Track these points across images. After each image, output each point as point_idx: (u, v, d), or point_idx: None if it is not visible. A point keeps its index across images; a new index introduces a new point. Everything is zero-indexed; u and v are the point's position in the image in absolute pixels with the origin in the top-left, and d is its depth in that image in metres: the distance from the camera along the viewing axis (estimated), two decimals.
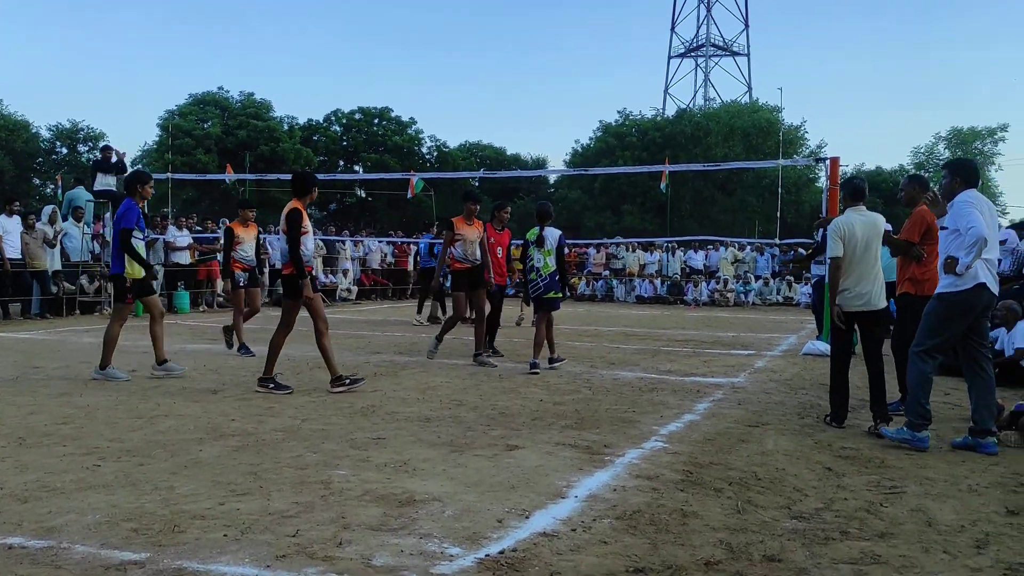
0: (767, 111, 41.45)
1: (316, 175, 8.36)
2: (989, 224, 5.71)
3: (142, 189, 8.37)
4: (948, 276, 5.75)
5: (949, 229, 5.84)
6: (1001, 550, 3.63)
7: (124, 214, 8.17)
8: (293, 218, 7.44)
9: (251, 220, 10.73)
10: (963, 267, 5.62)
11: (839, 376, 6.46)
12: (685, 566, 3.34)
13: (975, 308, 5.78)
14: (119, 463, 4.84)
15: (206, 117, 38.32)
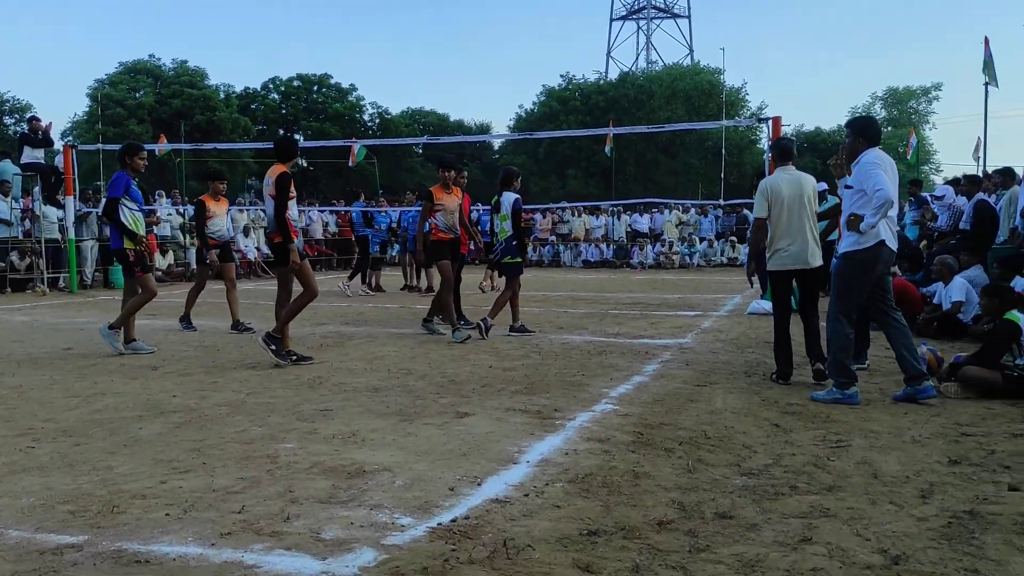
0: (709, 73, 41.72)
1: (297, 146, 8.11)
2: (892, 183, 5.82)
3: (131, 161, 8.05)
4: (851, 235, 5.82)
5: (854, 188, 5.90)
6: (945, 499, 3.70)
7: (112, 184, 7.92)
8: (283, 183, 7.18)
9: (222, 193, 10.29)
10: (867, 226, 5.70)
11: (782, 334, 6.54)
12: (638, 527, 3.33)
13: (877, 265, 5.87)
14: (54, 444, 4.66)
15: (138, 86, 37.19)
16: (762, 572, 2.90)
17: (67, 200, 15.50)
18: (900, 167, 26.82)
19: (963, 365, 5.97)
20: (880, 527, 3.34)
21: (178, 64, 39.00)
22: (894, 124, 47.59)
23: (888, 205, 5.67)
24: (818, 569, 2.92)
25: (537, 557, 3.02)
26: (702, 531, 3.29)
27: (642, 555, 3.05)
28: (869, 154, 5.86)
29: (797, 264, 6.43)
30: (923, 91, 48.24)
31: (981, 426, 5.04)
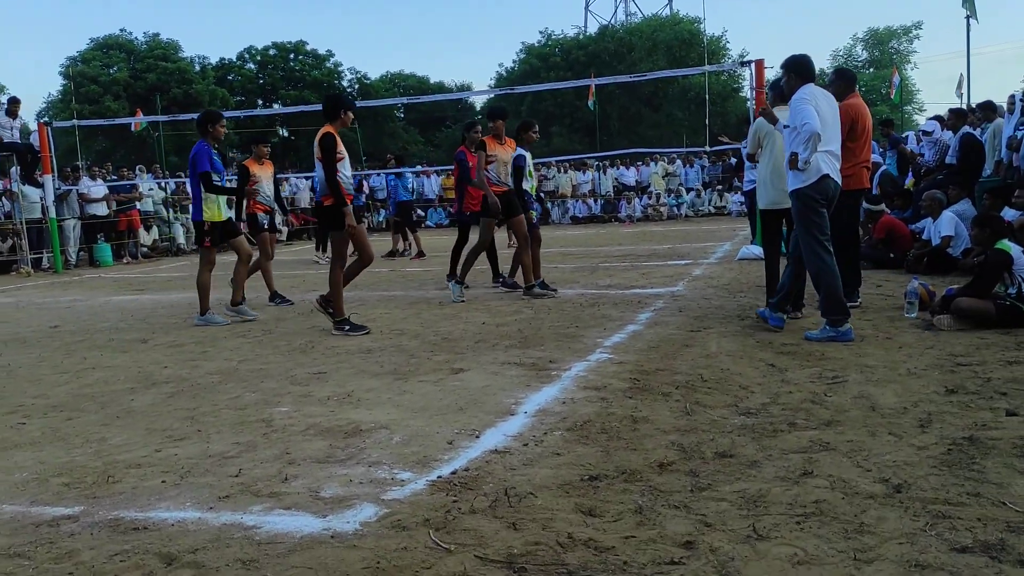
0: (688, 23, 41.29)
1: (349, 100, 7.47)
2: (829, 117, 5.89)
3: (213, 129, 7.84)
4: (795, 174, 5.87)
5: (790, 127, 5.91)
6: (944, 427, 3.69)
7: (196, 157, 7.70)
8: (327, 144, 6.76)
9: (266, 157, 9.79)
10: (803, 162, 5.76)
11: (771, 274, 6.61)
12: (639, 469, 3.31)
13: (826, 197, 5.92)
14: (46, 419, 4.61)
15: (111, 62, 36.55)
16: (765, 507, 2.89)
17: (45, 179, 15.29)
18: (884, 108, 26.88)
19: (955, 297, 5.96)
20: (880, 458, 3.33)
21: (150, 37, 38.32)
22: (876, 65, 47.35)
23: (815, 138, 5.68)
24: (821, 501, 2.91)
25: (539, 504, 3.00)
26: (703, 471, 3.28)
27: (644, 497, 3.03)
28: (801, 90, 5.87)
29: (785, 203, 6.42)
30: (904, 31, 47.91)
31: (976, 355, 5.04)
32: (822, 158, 5.88)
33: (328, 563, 2.59)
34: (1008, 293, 5.89)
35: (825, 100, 5.98)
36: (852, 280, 6.94)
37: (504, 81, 41.17)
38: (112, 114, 30.80)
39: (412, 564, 2.56)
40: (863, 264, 8.57)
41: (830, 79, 7.12)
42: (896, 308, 6.75)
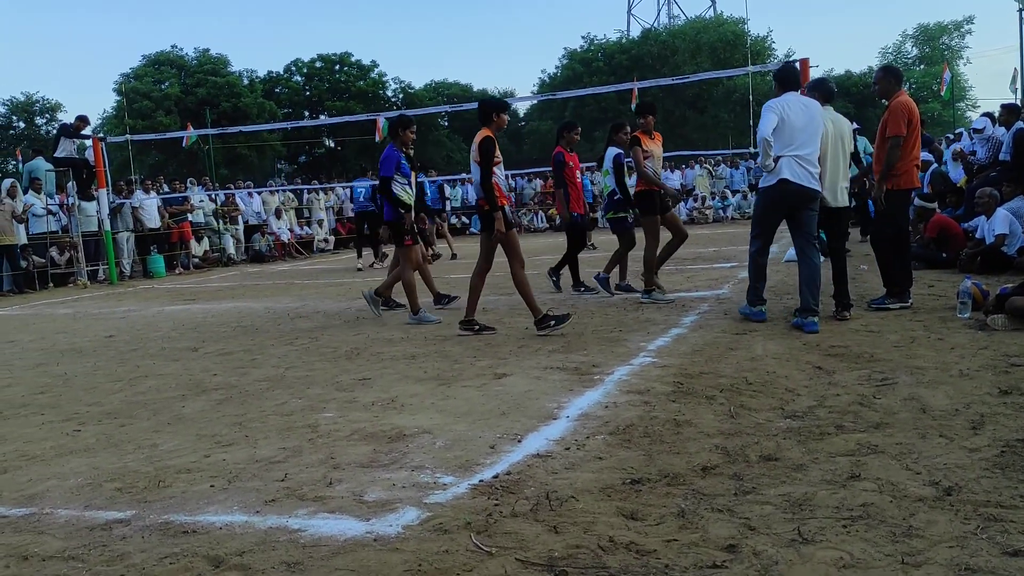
0: (733, 24, 40.91)
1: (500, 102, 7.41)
2: (799, 123, 6.29)
3: (403, 134, 8.05)
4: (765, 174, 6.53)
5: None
6: (997, 429, 3.60)
7: (384, 161, 7.96)
8: (487, 147, 6.81)
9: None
10: (761, 166, 6.52)
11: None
12: (682, 473, 3.29)
13: (783, 200, 6.40)
14: (100, 426, 4.73)
15: (163, 78, 37.34)
16: (810, 510, 2.85)
17: (100, 193, 15.68)
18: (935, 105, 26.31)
19: (1009, 296, 5.80)
20: (931, 460, 3.27)
21: (200, 53, 39.04)
22: (927, 61, 46.36)
23: (764, 143, 6.27)
24: (868, 504, 2.86)
25: (581, 507, 2.99)
26: (747, 474, 3.25)
27: (687, 500, 3.01)
28: (771, 100, 6.45)
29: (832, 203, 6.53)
30: (955, 26, 46.82)
31: None
32: (786, 162, 6.30)
33: (370, 565, 2.62)
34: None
35: (800, 108, 6.35)
36: (903, 280, 6.82)
37: (547, 87, 41.21)
38: (164, 128, 31.44)
39: (453, 567, 2.57)
40: (915, 264, 8.41)
41: (876, 76, 7.03)
42: (948, 308, 6.60)
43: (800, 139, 6.30)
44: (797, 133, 6.30)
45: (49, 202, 16.13)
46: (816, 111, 6.44)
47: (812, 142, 6.35)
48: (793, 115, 6.31)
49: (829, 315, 6.59)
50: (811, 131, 6.34)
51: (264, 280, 14.67)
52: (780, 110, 6.32)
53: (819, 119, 6.41)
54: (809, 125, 6.34)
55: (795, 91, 6.50)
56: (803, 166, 6.30)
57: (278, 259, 20.10)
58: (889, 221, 6.81)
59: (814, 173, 6.35)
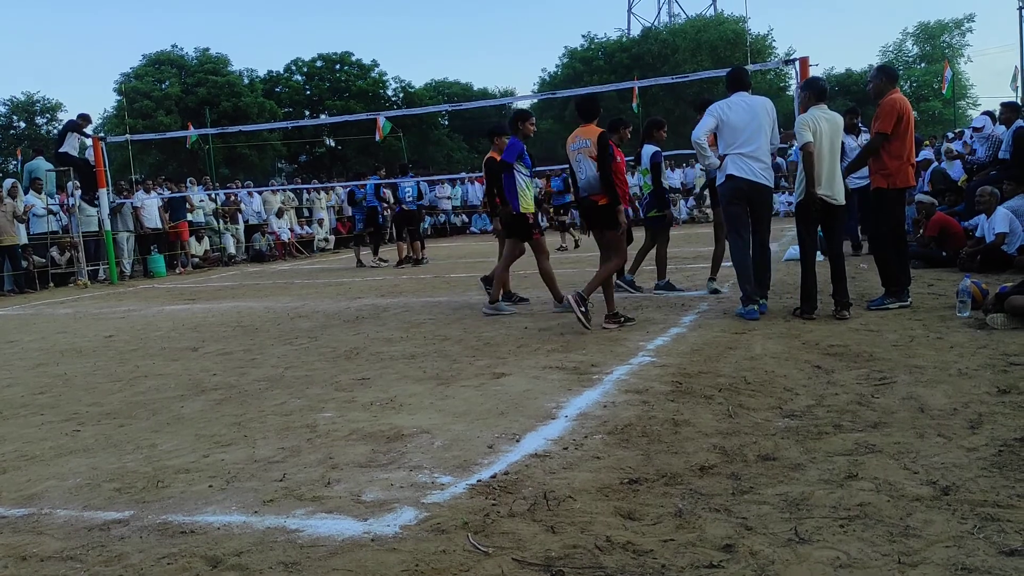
0: (733, 22, 40.89)
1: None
2: (740, 122, 6.69)
3: (523, 126, 8.11)
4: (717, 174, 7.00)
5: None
6: (995, 428, 3.60)
7: (509, 148, 7.98)
8: (605, 143, 6.93)
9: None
10: (703, 165, 7.23)
11: (807, 267, 6.72)
12: (680, 473, 3.29)
13: (735, 195, 6.80)
14: (99, 427, 4.73)
15: (163, 77, 37.36)
16: (808, 510, 2.85)
17: (100, 193, 15.68)
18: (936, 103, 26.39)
19: (1009, 295, 5.80)
20: (928, 460, 3.27)
21: (200, 52, 39.03)
22: (927, 60, 46.32)
23: (696, 145, 6.86)
24: (865, 504, 2.86)
25: (578, 507, 3.00)
26: (745, 474, 3.25)
27: (685, 500, 3.01)
28: (716, 103, 6.94)
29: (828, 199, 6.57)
30: (955, 24, 46.77)
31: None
32: (730, 160, 6.75)
33: (368, 566, 2.62)
34: None
35: (742, 107, 6.76)
36: (902, 279, 6.82)
37: (547, 86, 41.19)
38: (164, 128, 31.46)
39: (450, 567, 2.57)
40: (914, 263, 8.41)
41: (871, 75, 7.06)
42: (948, 307, 6.60)
43: (742, 137, 6.69)
44: (738, 132, 6.69)
45: (50, 202, 16.13)
46: (760, 109, 6.76)
47: (755, 139, 6.70)
48: (734, 115, 6.72)
49: (828, 314, 6.60)
50: (753, 128, 6.69)
51: (264, 280, 14.68)
52: (719, 112, 6.78)
53: (762, 116, 6.73)
54: (751, 123, 6.69)
55: (745, 91, 6.88)
56: (748, 161, 6.69)
57: (278, 259, 20.11)
58: (887, 220, 6.82)
59: (759, 168, 6.70)
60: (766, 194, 6.92)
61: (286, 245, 20.80)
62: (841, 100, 37.10)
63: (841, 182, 6.68)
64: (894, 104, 6.59)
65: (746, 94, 6.90)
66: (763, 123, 6.73)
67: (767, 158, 6.81)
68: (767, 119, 6.77)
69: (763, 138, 6.74)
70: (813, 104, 6.71)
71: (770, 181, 6.86)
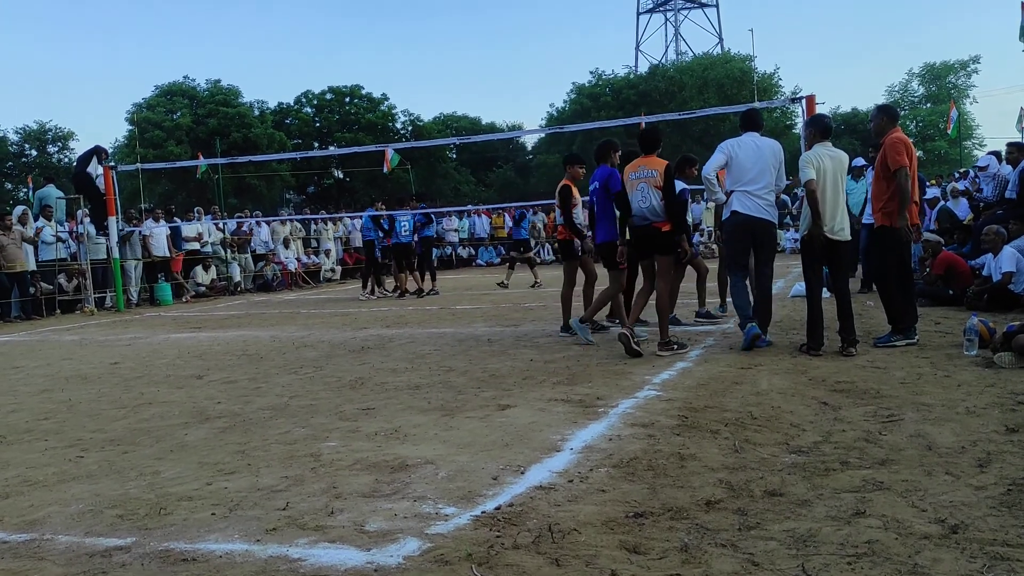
0: (740, 60, 41.25)
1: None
2: (747, 161, 7.00)
3: (613, 156, 8.20)
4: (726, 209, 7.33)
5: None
6: (1004, 467, 3.57)
7: (610, 179, 7.92)
8: (671, 174, 7.16)
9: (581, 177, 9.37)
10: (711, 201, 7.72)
11: (814, 304, 6.73)
12: (686, 507, 3.26)
13: (741, 230, 7.12)
14: (102, 453, 4.72)
15: (174, 108, 37.78)
16: (815, 546, 2.82)
17: (110, 221, 15.78)
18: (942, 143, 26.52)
19: (1016, 334, 5.78)
20: (936, 498, 3.24)
21: (212, 84, 39.51)
22: (933, 100, 46.60)
23: (705, 180, 7.23)
24: (873, 541, 2.83)
25: (583, 540, 2.97)
26: (752, 509, 3.22)
27: (691, 535, 2.98)
28: (727, 140, 7.27)
29: (831, 234, 6.65)
30: (961, 65, 47.13)
31: None
32: (736, 196, 7.08)
33: None
34: None
35: (751, 147, 7.05)
36: (908, 316, 6.81)
37: (555, 121, 41.46)
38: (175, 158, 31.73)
39: None
40: (921, 301, 8.40)
41: (872, 115, 7.15)
42: (955, 345, 6.58)
43: (749, 175, 7.00)
44: (746, 170, 7.00)
45: (59, 229, 16.23)
46: (767, 150, 7.04)
47: (762, 177, 6.99)
48: (743, 154, 7.03)
49: (835, 350, 6.59)
50: (760, 167, 6.99)
51: (270, 309, 14.71)
52: (729, 149, 7.11)
53: (769, 156, 7.01)
54: (758, 162, 6.99)
55: (756, 131, 7.20)
56: (752, 199, 6.99)
57: (285, 288, 20.15)
58: (891, 257, 6.83)
59: (763, 205, 6.99)
60: (770, 229, 7.14)
61: (293, 275, 20.86)
62: (847, 139, 37.33)
63: (846, 219, 6.74)
64: (900, 140, 6.63)
65: (756, 135, 7.18)
66: (769, 163, 7.01)
67: (771, 196, 7.06)
68: (773, 160, 7.03)
69: (768, 177, 7.02)
70: (818, 141, 6.84)
71: (773, 217, 7.07)
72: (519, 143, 46.07)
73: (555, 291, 9.78)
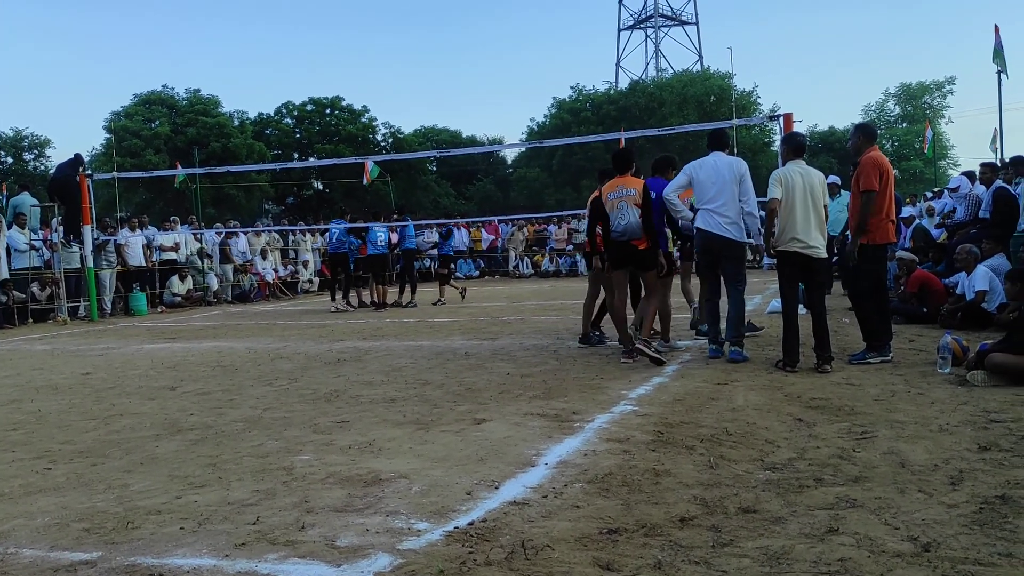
0: (719, 78, 41.58)
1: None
2: (707, 179, 7.32)
3: (670, 172, 8.20)
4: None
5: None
6: (976, 485, 3.59)
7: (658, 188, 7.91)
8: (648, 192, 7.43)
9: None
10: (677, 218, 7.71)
11: (789, 320, 6.80)
12: (660, 524, 3.25)
13: (703, 246, 7.45)
14: (71, 465, 4.64)
15: (153, 117, 37.47)
16: (788, 564, 2.82)
17: (84, 229, 15.60)
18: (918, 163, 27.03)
19: (989, 352, 5.83)
20: (909, 515, 3.25)
21: (191, 93, 39.21)
22: (909, 120, 47.22)
23: (667, 202, 7.56)
24: (846, 559, 2.83)
25: (556, 557, 2.95)
26: (725, 526, 3.21)
27: (664, 551, 2.97)
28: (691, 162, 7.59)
29: (803, 249, 6.73)
30: (936, 86, 47.86)
31: (1010, 412, 4.92)
32: (699, 214, 7.38)
33: None
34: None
35: (711, 166, 7.36)
36: (883, 333, 6.86)
37: (535, 135, 41.53)
38: (152, 167, 31.44)
39: None
40: (895, 319, 8.47)
41: (850, 134, 7.26)
42: (929, 363, 6.63)
43: (709, 194, 7.31)
44: (706, 189, 7.33)
45: (32, 238, 16.02)
46: (724, 168, 7.33)
47: (721, 195, 7.27)
48: (703, 174, 7.36)
49: (810, 367, 6.62)
50: (719, 185, 7.28)
51: (247, 320, 14.59)
52: (691, 171, 7.47)
53: (727, 173, 7.30)
54: (718, 180, 7.29)
55: (721, 150, 7.50)
56: (713, 216, 7.28)
57: (262, 299, 20.01)
58: (867, 275, 6.89)
59: (723, 222, 7.24)
60: (733, 247, 7.36)
61: (270, 286, 20.72)
62: (824, 157, 37.72)
63: (821, 236, 6.78)
64: (875, 161, 6.70)
65: (722, 154, 7.46)
66: (727, 180, 7.28)
67: (732, 213, 7.26)
68: (731, 175, 7.28)
69: (728, 194, 7.27)
70: (791, 159, 6.97)
71: (735, 235, 7.30)
72: (499, 157, 46.13)
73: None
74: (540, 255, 26.78)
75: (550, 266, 25.97)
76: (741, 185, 7.33)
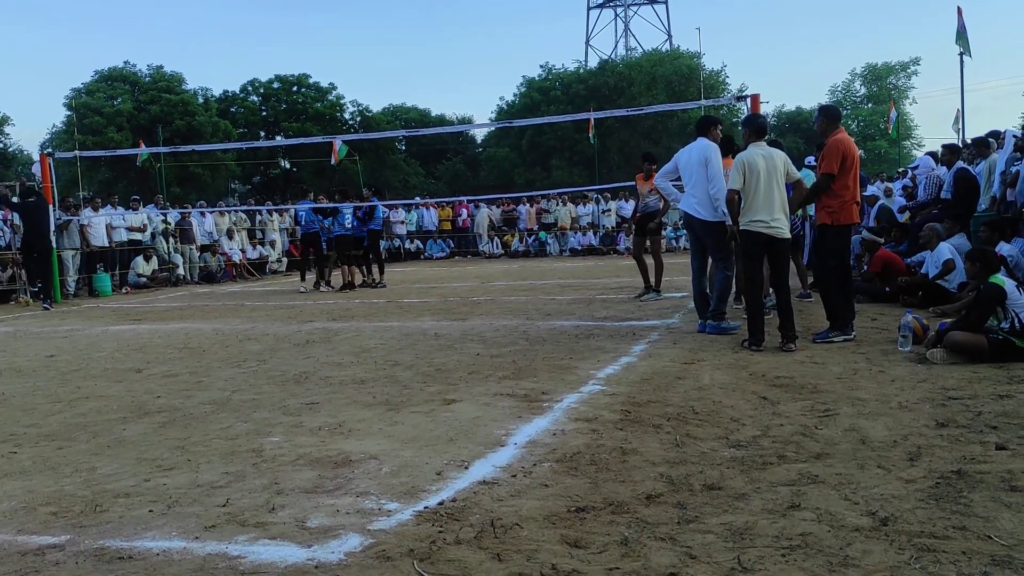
0: (688, 58, 41.70)
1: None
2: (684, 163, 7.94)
3: (713, 131, 8.17)
4: None
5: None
6: (933, 460, 3.69)
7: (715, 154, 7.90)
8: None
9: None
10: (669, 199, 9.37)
11: (755, 300, 6.95)
12: (627, 501, 3.31)
13: (686, 224, 8.24)
14: (36, 448, 4.60)
15: (115, 94, 36.80)
16: (751, 539, 2.88)
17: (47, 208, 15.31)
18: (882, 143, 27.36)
19: (948, 331, 5.96)
20: (868, 491, 3.33)
21: (154, 70, 38.55)
22: (874, 100, 47.72)
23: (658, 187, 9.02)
24: (807, 534, 2.90)
25: (525, 535, 3.00)
26: (691, 503, 3.28)
27: (631, 528, 3.03)
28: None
29: (768, 230, 6.84)
30: (901, 66, 48.41)
31: (967, 389, 5.05)
32: (682, 198, 8.07)
33: None
34: (1001, 327, 5.90)
35: (687, 151, 7.98)
36: (846, 313, 6.98)
37: (504, 114, 41.39)
38: (115, 145, 30.88)
39: None
40: (859, 298, 8.60)
41: (815, 117, 7.38)
42: (890, 341, 6.76)
43: (685, 176, 7.98)
44: (683, 173, 8.04)
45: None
46: (695, 152, 7.81)
47: (691, 178, 7.85)
48: (683, 159, 8.03)
49: (775, 346, 6.73)
50: (689, 170, 7.86)
51: (214, 301, 14.47)
52: (677, 156, 8.19)
53: (696, 158, 7.77)
54: (688, 163, 7.88)
55: (704, 136, 7.91)
56: (688, 197, 7.88)
57: (229, 280, 19.83)
58: (831, 255, 7.00)
59: (695, 203, 7.77)
60: (707, 226, 7.74)
61: (237, 266, 20.53)
62: (791, 137, 38.01)
63: (785, 216, 6.87)
64: (838, 144, 6.80)
65: (703, 139, 7.90)
66: (695, 164, 7.78)
67: (700, 194, 7.72)
68: (698, 158, 7.74)
69: (696, 177, 7.78)
70: (753, 141, 7.07)
71: (704, 214, 7.70)
72: (469, 136, 45.95)
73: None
74: (510, 235, 26.77)
75: (520, 246, 25.97)
76: (708, 168, 7.63)
